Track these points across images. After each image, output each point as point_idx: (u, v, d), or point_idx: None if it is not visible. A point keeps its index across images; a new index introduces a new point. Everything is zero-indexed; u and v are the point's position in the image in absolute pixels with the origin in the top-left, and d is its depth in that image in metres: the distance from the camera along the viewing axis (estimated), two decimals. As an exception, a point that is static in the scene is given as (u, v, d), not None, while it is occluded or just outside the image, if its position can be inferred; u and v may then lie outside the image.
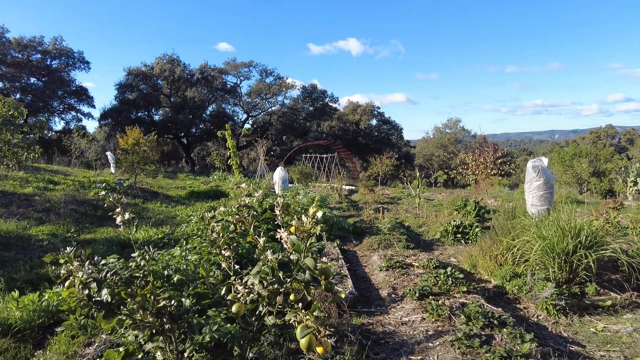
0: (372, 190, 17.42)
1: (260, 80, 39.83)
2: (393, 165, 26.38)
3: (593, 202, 13.30)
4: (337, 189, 15.72)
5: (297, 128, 39.74)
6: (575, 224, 5.06)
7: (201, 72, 37.88)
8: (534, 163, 8.61)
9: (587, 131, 65.56)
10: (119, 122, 32.80)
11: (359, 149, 39.03)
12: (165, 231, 7.67)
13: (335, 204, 13.55)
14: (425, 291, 4.65)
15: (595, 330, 3.99)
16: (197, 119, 37.89)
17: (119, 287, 2.01)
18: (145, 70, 36.20)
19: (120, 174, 18.36)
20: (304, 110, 42.22)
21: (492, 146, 17.29)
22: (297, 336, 1.62)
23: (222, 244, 2.19)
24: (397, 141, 44.85)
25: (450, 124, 45.59)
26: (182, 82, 36.80)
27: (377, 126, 44.69)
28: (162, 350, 2.30)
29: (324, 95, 42.56)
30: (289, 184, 16.52)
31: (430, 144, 44.34)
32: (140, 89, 35.57)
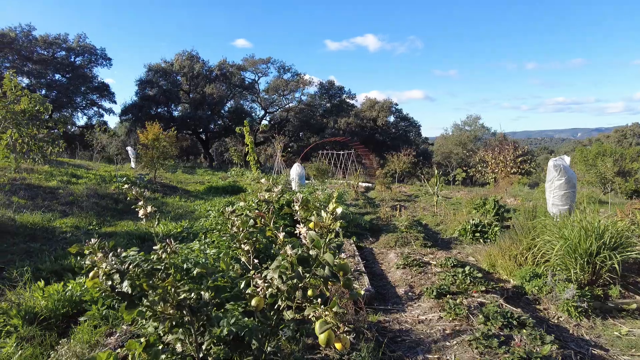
0: (389, 188, 17.31)
1: (278, 77, 39.96)
2: (410, 163, 26.17)
3: (617, 202, 12.95)
4: (354, 186, 15.68)
5: (314, 124, 39.76)
6: (599, 224, 4.93)
7: (220, 68, 38.20)
8: (556, 162, 8.42)
9: (612, 129, 63.65)
10: (139, 118, 33.38)
11: (376, 146, 38.82)
12: (184, 225, 7.79)
13: (352, 201, 13.53)
14: (442, 290, 4.61)
15: (619, 333, 3.88)
16: (215, 115, 38.25)
17: (140, 279, 2.05)
18: (165, 66, 36.71)
19: (140, 169, 18.70)
20: (321, 106, 42.19)
21: (512, 144, 16.96)
22: (316, 331, 1.63)
23: (242, 238, 2.22)
24: (414, 138, 44.45)
25: (470, 121, 44.90)
26: (201, 79, 37.19)
27: (394, 123, 44.36)
28: (182, 342, 2.34)
29: (342, 91, 42.44)
30: (305, 181, 16.56)
31: (448, 141, 43.76)
32: (160, 85, 36.10)
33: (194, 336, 2.19)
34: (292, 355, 2.89)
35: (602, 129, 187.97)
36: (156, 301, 2.03)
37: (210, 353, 2.37)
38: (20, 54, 31.28)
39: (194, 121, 35.83)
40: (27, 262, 5.50)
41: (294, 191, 12.52)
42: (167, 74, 36.60)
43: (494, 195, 11.58)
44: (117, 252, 2.13)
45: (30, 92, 12.29)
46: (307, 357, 3.05)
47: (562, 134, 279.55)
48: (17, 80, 12.08)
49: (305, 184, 15.77)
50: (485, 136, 42.69)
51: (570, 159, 12.09)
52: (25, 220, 7.55)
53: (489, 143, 26.08)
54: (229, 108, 40.13)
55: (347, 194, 14.67)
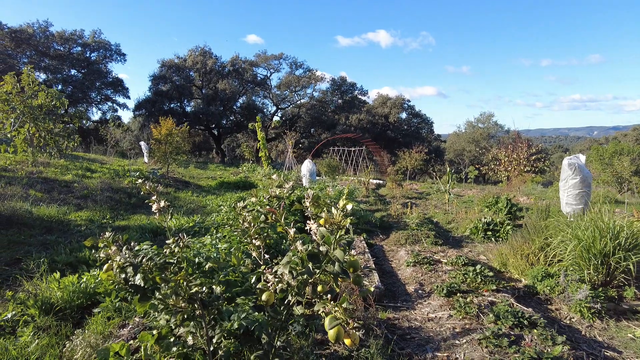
0: (400, 185, 17.24)
1: (290, 73, 39.96)
2: (422, 160, 25.99)
3: (634, 202, 12.71)
4: (365, 183, 15.64)
5: (325, 121, 39.71)
6: (615, 224, 4.85)
7: (232, 64, 38.34)
8: (570, 160, 8.29)
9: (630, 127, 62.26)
10: (153, 113, 33.70)
11: (387, 143, 38.64)
12: (196, 220, 7.87)
13: (363, 198, 13.50)
14: (453, 288, 4.59)
15: (634, 336, 3.83)
16: (227, 110, 38.44)
17: (153, 272, 2.08)
18: (178, 62, 36.98)
19: (153, 164, 18.91)
20: (333, 103, 42.10)
21: (525, 142, 16.72)
22: (326, 327, 1.64)
23: (253, 234, 2.24)
24: (427, 135, 44.11)
25: (483, 118, 44.38)
26: (214, 74, 37.37)
27: (406, 119, 44.07)
28: (193, 335, 2.38)
29: (353, 88, 42.28)
30: (316, 177, 16.57)
31: (461, 139, 43.33)
32: (173, 80, 36.38)
33: (205, 329, 2.22)
34: (301, 350, 2.92)
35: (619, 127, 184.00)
36: (168, 294, 2.07)
37: (220, 346, 2.41)
38: (38, 50, 31.82)
39: (206, 117, 36.07)
40: (43, 254, 5.62)
41: (304, 187, 12.55)
42: (180, 69, 36.87)
43: (507, 193, 11.46)
44: (131, 246, 2.17)
45: (47, 87, 12.52)
46: (316, 353, 3.07)
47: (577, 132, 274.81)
48: (35, 75, 12.30)
49: (316, 180, 15.79)
50: (499, 134, 42.18)
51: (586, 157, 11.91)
52: (42, 213, 7.70)
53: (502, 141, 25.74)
54: (241, 104, 40.28)
55: (357, 190, 14.65)
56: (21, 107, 11.44)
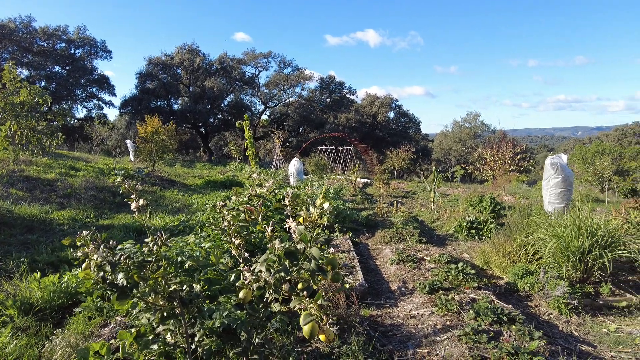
0: (387, 184, 17.35)
1: (278, 71, 39.87)
2: (410, 159, 26.18)
3: (614, 201, 12.99)
4: (352, 182, 15.71)
5: (313, 120, 39.71)
6: (592, 222, 4.97)
7: (220, 62, 38.09)
8: (553, 160, 8.45)
9: (613, 128, 63.55)
10: (139, 111, 33.33)
11: (375, 142, 38.80)
12: (181, 219, 7.83)
13: (350, 197, 13.56)
14: (435, 285, 4.66)
15: (608, 330, 3.93)
16: (215, 109, 38.19)
17: (131, 270, 2.09)
18: (165, 59, 36.60)
19: (139, 162, 18.72)
20: (321, 101, 42.12)
21: (511, 142, 16.98)
22: (301, 323, 1.67)
23: (232, 232, 2.25)
24: (414, 134, 44.41)
25: (470, 118, 44.89)
26: (201, 72, 37.09)
27: (394, 119, 44.30)
28: (173, 333, 2.38)
29: (342, 87, 42.35)
30: (304, 176, 16.59)
31: (448, 138, 43.77)
32: (160, 78, 36.00)
33: (185, 327, 2.22)
34: (283, 347, 2.94)
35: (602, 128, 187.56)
36: (147, 292, 2.07)
37: (201, 344, 2.41)
38: (20, 45, 31.18)
39: (193, 115, 35.79)
40: (23, 253, 5.54)
41: (292, 186, 12.56)
42: (167, 67, 36.50)
43: (491, 192, 11.62)
44: (110, 244, 2.16)
45: (29, 83, 12.30)
46: (298, 350, 3.09)
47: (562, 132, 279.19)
48: (17, 71, 12.08)
49: (304, 179, 15.80)
50: (485, 133, 42.72)
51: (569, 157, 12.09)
52: (23, 212, 7.59)
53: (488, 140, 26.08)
54: (228, 102, 40.05)
55: (345, 189, 14.70)
56: (2, 104, 11.22)
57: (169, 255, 3.47)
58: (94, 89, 36.05)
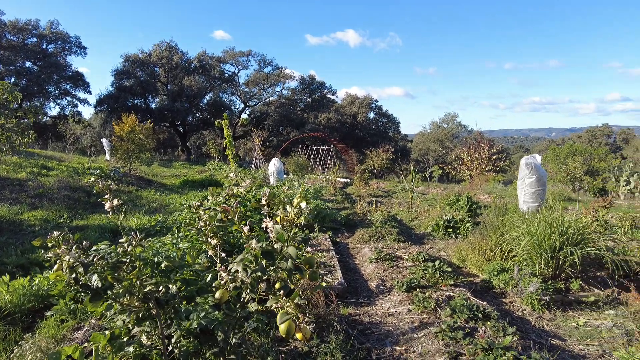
0: (367, 184, 17.47)
1: (258, 70, 39.63)
2: (389, 159, 26.44)
3: (585, 200, 13.42)
4: (332, 182, 15.76)
5: (294, 119, 39.65)
6: (564, 221, 5.13)
7: (199, 60, 37.62)
8: (527, 160, 8.67)
9: (584, 130, 65.69)
10: (115, 109, 32.59)
11: (355, 142, 39.01)
12: (158, 219, 7.70)
13: (330, 196, 13.60)
14: (413, 283, 4.72)
15: (577, 325, 4.07)
16: (194, 107, 37.69)
17: (106, 271, 2.04)
18: (142, 57, 35.90)
19: (115, 161, 18.31)
20: (302, 101, 42.08)
21: (487, 142, 17.36)
22: (277, 322, 1.67)
23: (208, 232, 2.23)
24: (394, 135, 44.86)
25: (448, 119, 45.64)
26: (180, 70, 36.55)
27: (374, 119, 44.65)
28: (149, 334, 2.34)
29: (322, 86, 42.42)
30: (284, 175, 16.54)
31: (427, 139, 44.39)
32: (137, 75, 35.30)
33: (160, 328, 2.19)
34: (261, 347, 2.93)
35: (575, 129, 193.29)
36: (121, 294, 2.03)
37: (178, 345, 2.39)
38: (-12, 40, 30.07)
39: (171, 113, 35.23)
40: (-8, 255, 5.35)
41: (271, 186, 12.51)
42: (144, 64, 35.81)
43: (468, 192, 11.84)
44: (83, 245, 2.11)
45: (-2, 80, 11.86)
46: (276, 349, 3.09)
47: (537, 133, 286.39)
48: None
49: (284, 178, 15.76)
50: (462, 134, 43.50)
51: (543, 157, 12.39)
52: (-8, 213, 7.33)
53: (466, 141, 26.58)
54: (207, 101, 39.59)
55: (325, 189, 14.74)
56: (-31, 100, 10.81)
57: (145, 256, 3.42)
58: (67, 85, 35.04)
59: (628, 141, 57.04)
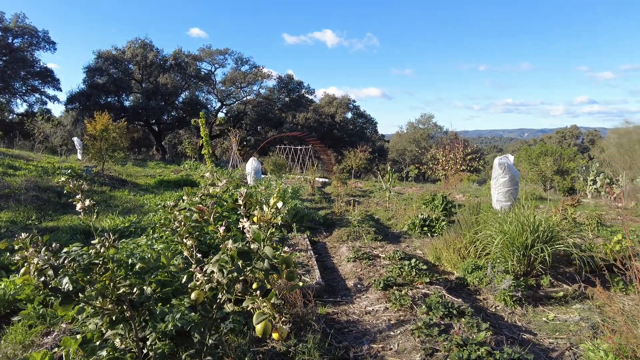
0: (345, 183, 17.56)
1: (235, 69, 39.26)
2: (367, 159, 26.66)
3: (555, 199, 13.86)
4: (311, 181, 15.77)
5: (272, 118, 39.47)
6: (535, 219, 5.29)
7: (175, 58, 36.97)
8: (500, 160, 8.91)
9: (554, 131, 67.88)
10: (87, 107, 31.63)
11: (334, 142, 39.15)
12: (132, 220, 7.54)
13: (308, 196, 13.61)
14: (389, 282, 4.78)
15: (547, 319, 4.21)
16: (169, 106, 37.03)
17: (77, 274, 1.99)
18: (116, 54, 34.99)
19: (87, 161, 17.81)
20: (280, 100, 41.94)
21: (462, 142, 17.72)
22: (254, 322, 1.66)
23: (184, 233, 2.20)
24: (371, 135, 45.23)
25: (424, 119, 46.36)
26: (155, 68, 35.82)
27: (352, 119, 44.90)
28: (123, 337, 2.29)
29: (300, 86, 42.39)
30: (262, 175, 16.45)
31: (403, 139, 44.96)
32: (111, 73, 34.37)
33: (135, 331, 2.15)
34: (238, 348, 2.91)
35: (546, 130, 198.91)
36: (94, 296, 1.98)
37: (153, 348, 2.34)
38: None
39: (146, 112, 34.50)
40: (-45, 259, 5.12)
41: (248, 186, 12.43)
42: (118, 61, 34.90)
43: (444, 191, 12.06)
44: (52, 247, 2.05)
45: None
46: (253, 350, 3.07)
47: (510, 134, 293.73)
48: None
49: (262, 178, 15.68)
50: (438, 134, 44.25)
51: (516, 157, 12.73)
52: (-46, 214, 7.01)
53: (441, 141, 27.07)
54: (183, 99, 38.95)
55: (303, 189, 14.73)
56: None
57: (119, 258, 3.35)
58: (35, 82, 33.77)
59: (595, 142, 59.24)
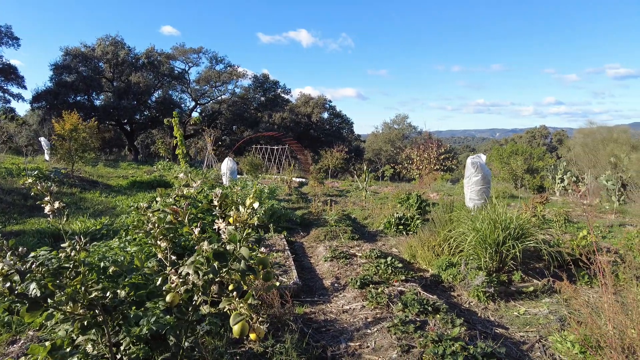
0: (322, 183, 17.60)
1: (210, 68, 38.75)
2: (343, 159, 26.79)
3: (526, 197, 14.29)
4: (287, 181, 15.73)
5: (247, 118, 39.15)
6: (506, 217, 5.44)
7: (147, 56, 36.16)
8: (473, 159, 9.11)
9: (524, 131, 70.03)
10: (55, 106, 30.55)
11: (310, 142, 39.18)
12: (104, 222, 7.34)
13: (285, 196, 13.57)
14: (366, 280, 4.82)
15: (518, 314, 4.34)
16: (141, 105, 36.19)
17: (46, 278, 1.92)
18: (85, 51, 33.90)
19: (55, 162, 17.23)
20: (256, 100, 41.65)
21: (436, 142, 18.05)
22: (230, 323, 1.65)
23: (157, 235, 2.16)
24: (348, 135, 45.50)
25: (398, 120, 46.95)
26: (127, 66, 34.93)
27: (328, 119, 45.04)
28: (95, 343, 2.23)
29: (276, 86, 42.22)
30: (237, 175, 16.30)
31: (379, 139, 45.41)
32: (80, 71, 33.27)
33: (108, 336, 2.10)
34: (215, 350, 2.88)
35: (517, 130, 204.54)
36: (64, 301, 1.92)
37: (127, 353, 2.29)
38: None
39: (117, 111, 33.60)
40: None
41: (224, 186, 12.29)
42: (87, 59, 33.82)
43: (418, 190, 12.26)
44: (19, 251, 1.97)
45: None
46: (231, 352, 3.05)
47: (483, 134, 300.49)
48: None
49: (238, 178, 15.53)
50: (412, 134, 44.90)
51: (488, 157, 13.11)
52: None
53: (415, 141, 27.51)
54: (156, 98, 38.15)
55: (280, 189, 14.68)
56: None
57: (90, 261, 3.26)
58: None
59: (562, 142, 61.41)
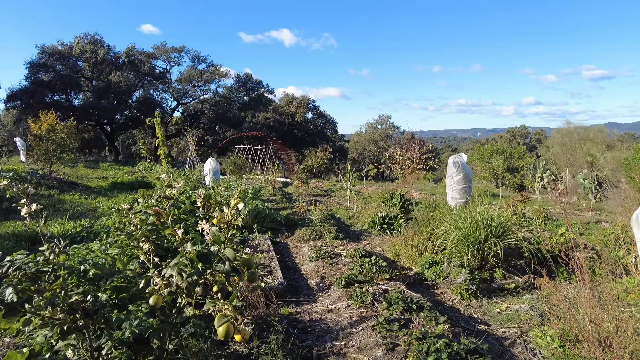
0: (307, 183, 17.58)
1: (191, 67, 38.31)
2: (327, 159, 26.85)
3: (507, 195, 14.56)
4: (272, 182, 15.67)
5: (230, 118, 38.85)
6: (488, 215, 5.54)
7: (128, 55, 35.53)
8: (455, 159, 9.24)
9: (505, 130, 71.36)
10: (31, 105, 29.77)
11: (294, 142, 39.11)
12: (84, 224, 7.18)
13: (269, 197, 13.52)
14: (351, 279, 4.84)
15: (500, 310, 4.42)
16: (122, 105, 35.58)
17: (24, 283, 1.88)
18: (62, 49, 33.11)
19: (32, 163, 16.79)
20: (239, 100, 41.35)
21: (418, 142, 18.24)
22: (215, 325, 1.64)
23: (140, 237, 2.13)
24: (331, 135, 45.59)
25: (382, 120, 47.25)
26: (106, 65, 34.27)
27: (312, 119, 45.05)
28: (75, 348, 2.19)
29: (259, 85, 42.00)
30: (221, 176, 16.16)
31: (362, 139, 45.63)
32: (57, 69, 32.49)
33: (89, 340, 2.06)
34: (199, 352, 2.85)
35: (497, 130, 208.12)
36: (42, 306, 1.88)
37: (109, 357, 2.25)
38: None
39: (97, 111, 32.96)
40: None
41: (207, 187, 12.18)
42: (65, 57, 33.04)
43: (401, 189, 12.35)
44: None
45: None
46: (216, 354, 3.02)
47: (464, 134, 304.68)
48: None
49: (221, 179, 15.40)
50: (395, 134, 45.22)
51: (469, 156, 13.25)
52: None
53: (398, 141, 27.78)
54: (137, 98, 37.57)
55: (264, 189, 14.62)
56: None
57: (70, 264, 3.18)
58: (-29, 78, 31.39)
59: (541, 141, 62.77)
